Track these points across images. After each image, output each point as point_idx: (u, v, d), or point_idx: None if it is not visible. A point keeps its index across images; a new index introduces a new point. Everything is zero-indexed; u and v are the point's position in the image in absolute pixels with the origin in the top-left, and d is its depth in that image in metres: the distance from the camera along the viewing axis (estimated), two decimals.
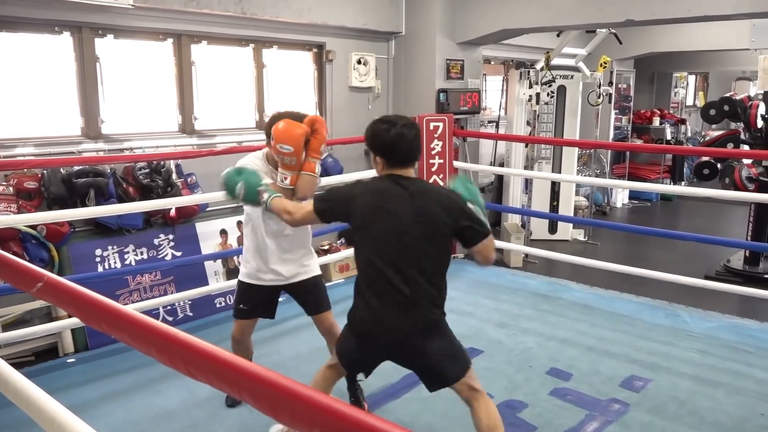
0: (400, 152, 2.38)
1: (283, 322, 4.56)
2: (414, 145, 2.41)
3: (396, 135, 2.35)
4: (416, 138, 2.42)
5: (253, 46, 5.24)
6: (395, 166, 2.40)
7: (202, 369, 1.13)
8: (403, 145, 2.37)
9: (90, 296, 1.32)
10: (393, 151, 2.38)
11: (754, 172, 5.42)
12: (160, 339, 1.19)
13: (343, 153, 5.70)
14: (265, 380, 1.03)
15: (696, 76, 12.00)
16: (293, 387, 0.99)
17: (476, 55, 6.47)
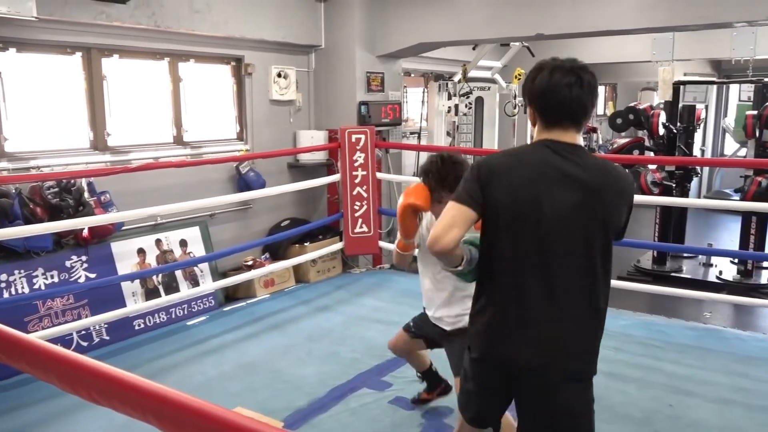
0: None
1: (206, 341, 4.46)
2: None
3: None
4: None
5: (169, 59, 5.12)
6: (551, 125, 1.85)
7: (104, 394, 1.09)
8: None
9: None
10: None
11: (658, 176, 5.74)
12: (59, 365, 1.14)
13: (265, 167, 5.64)
14: (169, 401, 1.01)
15: (605, 87, 12.59)
16: (198, 406, 0.97)
17: (396, 67, 6.57)
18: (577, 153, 1.82)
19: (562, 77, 1.79)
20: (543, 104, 1.84)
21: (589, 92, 1.82)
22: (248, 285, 5.37)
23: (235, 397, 3.59)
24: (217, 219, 5.44)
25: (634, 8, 4.85)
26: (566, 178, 1.78)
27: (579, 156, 1.82)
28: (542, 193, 1.78)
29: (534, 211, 1.78)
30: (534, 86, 1.85)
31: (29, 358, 1.19)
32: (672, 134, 5.88)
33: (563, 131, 1.83)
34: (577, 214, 1.78)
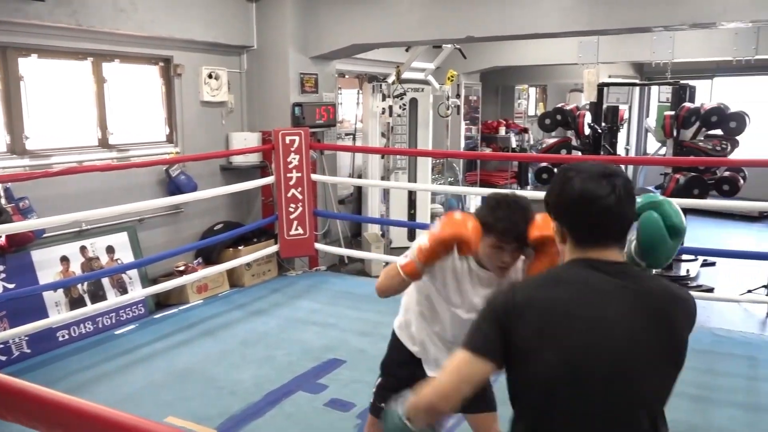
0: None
1: (135, 350, 4.33)
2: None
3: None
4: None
5: (92, 59, 4.93)
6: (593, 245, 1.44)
7: (9, 407, 1.04)
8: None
9: None
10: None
11: None
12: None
13: (196, 170, 5.52)
14: (85, 415, 0.97)
15: (536, 89, 12.95)
16: (117, 419, 0.94)
17: (330, 69, 6.55)
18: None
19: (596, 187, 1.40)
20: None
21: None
22: (180, 291, 5.23)
23: (167, 407, 3.50)
24: (146, 224, 5.28)
25: (559, 12, 5.01)
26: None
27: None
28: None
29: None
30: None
31: None
32: (597, 134, 6.11)
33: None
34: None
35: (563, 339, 1.34)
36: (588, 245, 1.42)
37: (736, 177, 5.45)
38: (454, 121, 8.38)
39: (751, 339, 4.42)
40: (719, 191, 5.50)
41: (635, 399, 1.37)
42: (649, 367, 1.37)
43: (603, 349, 1.34)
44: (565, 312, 1.36)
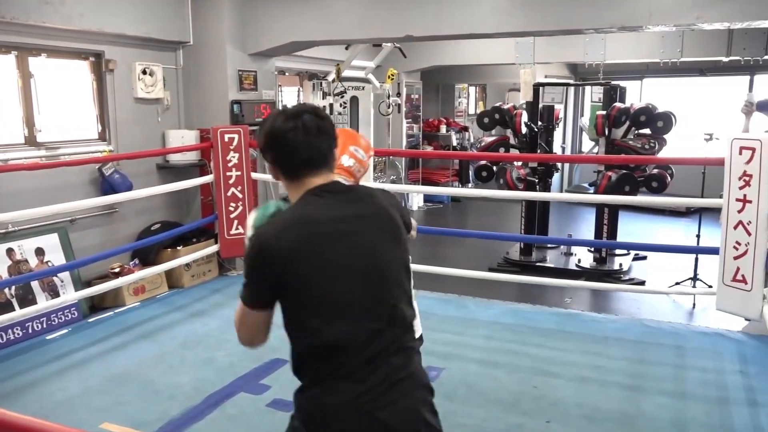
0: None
1: (69, 356, 4.17)
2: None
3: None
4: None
5: (16, 53, 4.71)
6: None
7: None
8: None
9: None
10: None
11: (522, 172, 6.10)
12: None
13: (131, 168, 5.35)
14: (4, 425, 0.93)
15: (476, 87, 13.18)
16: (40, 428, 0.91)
17: (269, 66, 6.47)
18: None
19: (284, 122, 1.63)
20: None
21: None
22: (116, 293, 5.07)
23: (102, 413, 3.39)
24: (78, 225, 5.09)
25: (495, 13, 5.11)
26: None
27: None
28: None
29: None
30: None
31: None
32: (534, 133, 6.27)
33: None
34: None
35: (319, 260, 1.55)
36: (298, 176, 1.63)
37: (665, 174, 5.70)
38: (395, 119, 8.44)
39: (678, 329, 4.64)
40: (649, 188, 5.74)
41: (386, 281, 1.61)
42: (385, 249, 1.63)
43: (357, 249, 1.59)
44: (313, 245, 1.56)
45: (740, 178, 3.81)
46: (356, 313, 1.57)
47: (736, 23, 4.64)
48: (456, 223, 9.01)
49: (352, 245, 1.59)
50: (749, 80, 9.83)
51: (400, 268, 1.68)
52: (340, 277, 1.57)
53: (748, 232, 3.83)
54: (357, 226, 1.62)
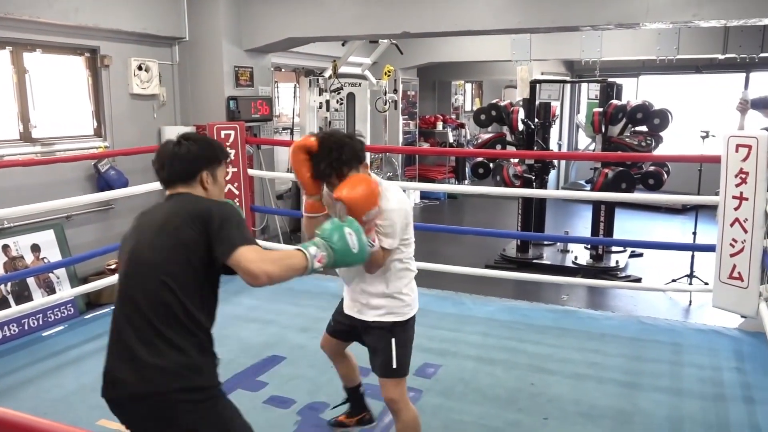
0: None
1: (65, 352, 4.15)
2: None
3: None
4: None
5: (11, 48, 4.69)
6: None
7: None
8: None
9: None
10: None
11: (519, 169, 6.10)
12: None
13: (127, 165, 5.34)
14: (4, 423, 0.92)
15: (472, 84, 13.18)
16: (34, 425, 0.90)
17: (265, 62, 6.46)
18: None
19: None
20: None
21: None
22: (112, 290, 5.04)
23: (98, 410, 3.34)
24: (74, 221, 5.08)
25: (491, 10, 5.11)
26: None
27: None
28: None
29: None
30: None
31: None
32: (530, 129, 6.27)
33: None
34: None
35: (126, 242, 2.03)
36: (166, 186, 2.08)
37: (661, 171, 5.71)
38: (392, 116, 8.43)
39: (675, 326, 4.64)
40: (645, 185, 5.75)
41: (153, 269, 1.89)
42: (146, 251, 1.92)
43: (130, 244, 1.98)
44: (133, 227, 2.05)
45: (737, 175, 3.82)
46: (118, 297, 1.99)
47: (733, 21, 4.65)
48: (452, 220, 9.01)
49: (130, 239, 2.00)
50: (745, 77, 9.86)
51: (158, 272, 1.89)
52: (120, 262, 2.03)
53: (745, 229, 3.84)
54: (140, 228, 2.01)
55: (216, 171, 2.09)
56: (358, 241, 1.98)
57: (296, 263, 1.87)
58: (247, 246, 1.83)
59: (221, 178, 2.12)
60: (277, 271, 1.82)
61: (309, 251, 1.88)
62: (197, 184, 2.05)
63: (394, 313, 2.60)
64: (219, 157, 2.12)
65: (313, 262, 1.88)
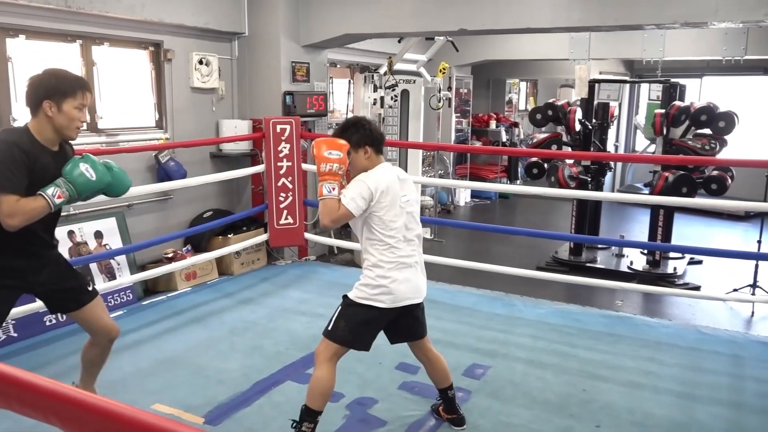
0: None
1: (123, 337, 4.27)
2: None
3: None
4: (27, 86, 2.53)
5: (81, 42, 4.86)
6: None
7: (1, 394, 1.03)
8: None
9: None
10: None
11: (575, 170, 5.98)
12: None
13: (186, 156, 5.47)
14: (71, 401, 0.96)
15: (527, 83, 12.98)
16: (103, 405, 0.93)
17: (321, 58, 6.51)
18: None
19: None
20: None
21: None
22: (168, 278, 5.20)
23: (153, 395, 3.48)
24: (135, 210, 5.24)
25: (552, 8, 5.01)
26: None
27: None
28: None
29: None
30: None
31: None
32: (587, 130, 6.13)
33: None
34: None
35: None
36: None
37: (724, 176, 5.49)
38: (445, 113, 8.38)
39: (735, 337, 4.47)
40: (707, 190, 5.54)
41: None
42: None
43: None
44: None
45: None
46: None
47: None
48: (503, 220, 8.91)
49: None
50: None
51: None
52: None
53: None
54: None
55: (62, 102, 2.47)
56: (96, 171, 2.52)
57: (37, 205, 2.40)
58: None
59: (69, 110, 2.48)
60: (19, 218, 2.36)
61: (47, 192, 2.41)
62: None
63: (357, 288, 2.83)
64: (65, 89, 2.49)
65: (53, 200, 2.42)
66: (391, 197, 2.75)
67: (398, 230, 2.78)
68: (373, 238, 2.77)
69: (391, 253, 2.77)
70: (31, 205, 2.40)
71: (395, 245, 2.78)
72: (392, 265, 2.76)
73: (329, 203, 2.68)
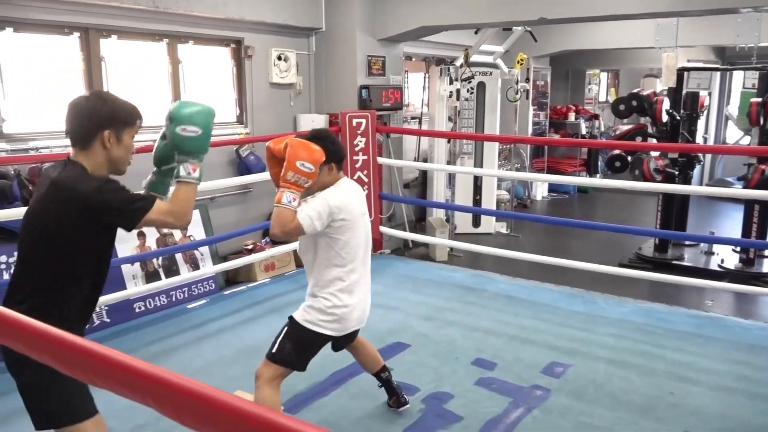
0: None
1: (206, 325, 4.45)
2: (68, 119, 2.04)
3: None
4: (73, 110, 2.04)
5: (167, 41, 5.06)
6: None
7: (102, 375, 1.07)
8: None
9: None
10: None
11: (661, 163, 5.70)
12: (55, 346, 1.12)
13: (265, 151, 5.59)
14: (167, 383, 0.98)
15: (608, 73, 12.53)
16: (198, 389, 0.95)
17: (397, 51, 6.50)
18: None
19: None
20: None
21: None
22: (248, 269, 5.35)
23: (235, 381, 3.58)
24: (217, 202, 5.41)
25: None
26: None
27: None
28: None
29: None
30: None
31: (26, 339, 1.17)
32: (675, 121, 5.84)
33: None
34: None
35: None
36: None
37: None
38: (522, 106, 8.21)
39: None
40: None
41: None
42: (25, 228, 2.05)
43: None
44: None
45: None
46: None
47: None
48: (583, 215, 8.63)
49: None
50: None
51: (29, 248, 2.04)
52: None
53: None
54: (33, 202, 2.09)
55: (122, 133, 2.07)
56: (196, 118, 2.12)
57: (187, 190, 2.13)
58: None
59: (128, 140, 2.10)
60: (182, 208, 2.12)
61: (180, 175, 2.13)
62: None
63: (305, 310, 2.73)
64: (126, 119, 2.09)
65: (192, 176, 2.13)
66: (354, 216, 2.65)
67: (357, 251, 2.70)
68: (330, 257, 2.65)
69: (348, 276, 2.68)
70: (182, 196, 2.12)
71: (353, 266, 2.69)
72: (346, 288, 2.68)
73: (284, 213, 2.50)
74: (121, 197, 2.01)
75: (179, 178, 2.12)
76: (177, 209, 2.09)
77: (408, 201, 6.89)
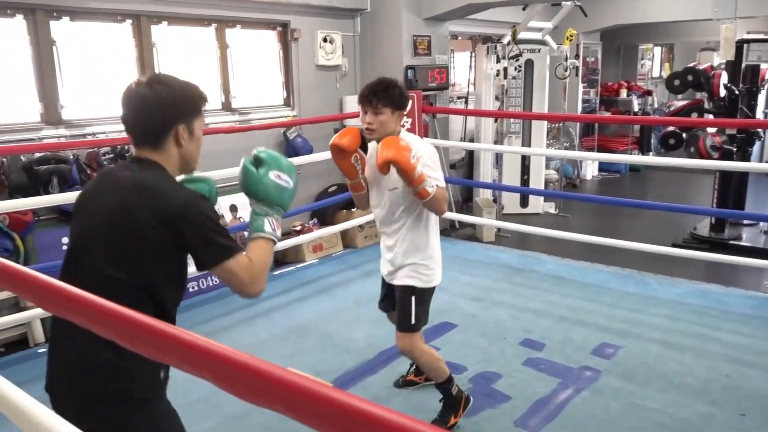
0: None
1: (258, 304, 4.55)
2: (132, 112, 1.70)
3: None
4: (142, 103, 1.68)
5: (216, 25, 5.14)
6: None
7: (163, 350, 1.12)
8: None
9: (43, 280, 1.29)
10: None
11: (718, 140, 5.50)
12: (119, 322, 1.17)
13: (312, 132, 5.65)
14: (222, 357, 1.02)
15: (661, 48, 12.12)
16: (251, 363, 0.98)
17: (443, 30, 6.43)
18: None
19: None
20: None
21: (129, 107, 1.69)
22: (297, 250, 5.44)
23: (286, 359, 3.67)
24: None
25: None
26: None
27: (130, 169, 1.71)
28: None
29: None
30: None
31: (90, 314, 1.23)
32: (734, 96, 5.60)
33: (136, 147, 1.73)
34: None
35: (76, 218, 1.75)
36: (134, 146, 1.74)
37: None
38: (571, 83, 8.02)
39: None
40: None
41: (95, 259, 1.63)
42: (101, 233, 1.64)
43: (86, 219, 1.69)
44: (84, 195, 1.76)
45: None
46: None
47: None
48: (634, 194, 8.41)
49: (84, 215, 1.71)
50: None
51: (104, 257, 1.64)
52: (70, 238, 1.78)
53: None
54: (95, 203, 1.69)
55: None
56: (283, 169, 1.78)
57: (268, 251, 1.76)
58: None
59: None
60: (263, 277, 1.72)
61: (264, 231, 1.74)
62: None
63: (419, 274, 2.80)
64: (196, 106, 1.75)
65: (276, 234, 1.77)
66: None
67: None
68: (420, 215, 2.73)
69: (427, 228, 2.78)
70: (263, 255, 1.73)
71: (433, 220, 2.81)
72: (433, 238, 2.82)
73: (439, 195, 2.57)
74: (217, 224, 1.68)
75: (262, 232, 1.73)
76: (255, 269, 1.69)
77: (455, 181, 6.84)
